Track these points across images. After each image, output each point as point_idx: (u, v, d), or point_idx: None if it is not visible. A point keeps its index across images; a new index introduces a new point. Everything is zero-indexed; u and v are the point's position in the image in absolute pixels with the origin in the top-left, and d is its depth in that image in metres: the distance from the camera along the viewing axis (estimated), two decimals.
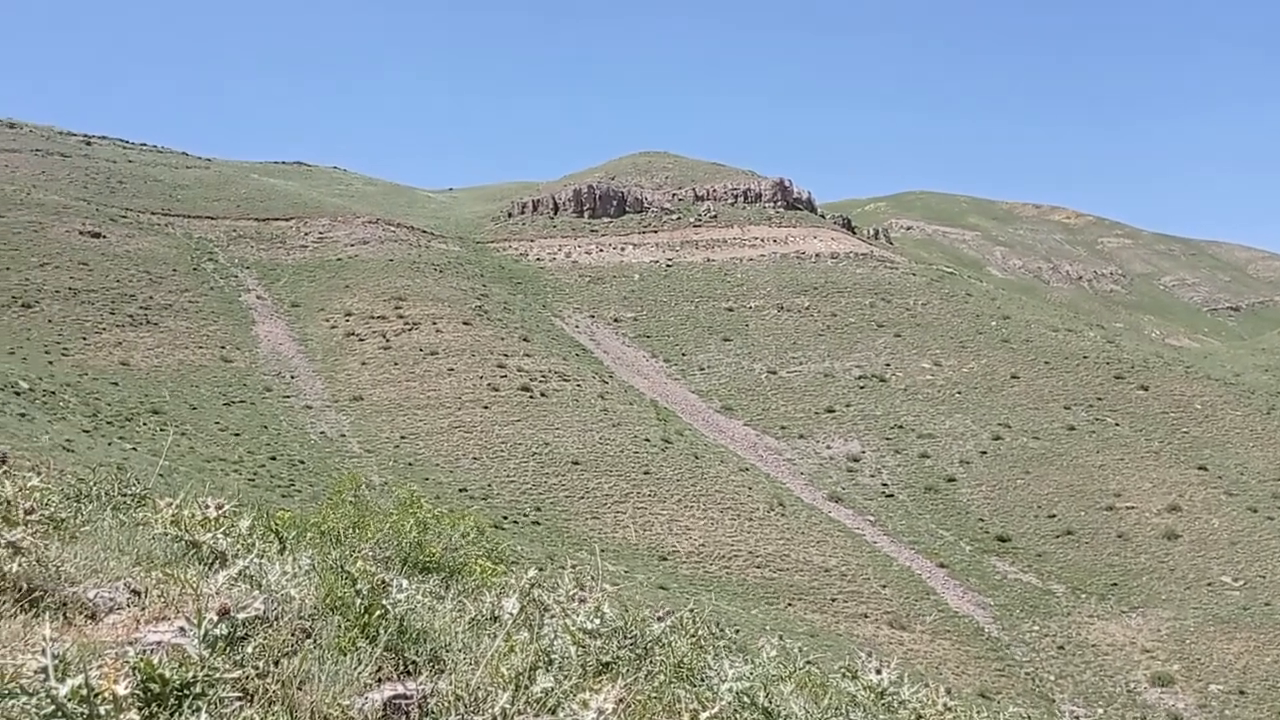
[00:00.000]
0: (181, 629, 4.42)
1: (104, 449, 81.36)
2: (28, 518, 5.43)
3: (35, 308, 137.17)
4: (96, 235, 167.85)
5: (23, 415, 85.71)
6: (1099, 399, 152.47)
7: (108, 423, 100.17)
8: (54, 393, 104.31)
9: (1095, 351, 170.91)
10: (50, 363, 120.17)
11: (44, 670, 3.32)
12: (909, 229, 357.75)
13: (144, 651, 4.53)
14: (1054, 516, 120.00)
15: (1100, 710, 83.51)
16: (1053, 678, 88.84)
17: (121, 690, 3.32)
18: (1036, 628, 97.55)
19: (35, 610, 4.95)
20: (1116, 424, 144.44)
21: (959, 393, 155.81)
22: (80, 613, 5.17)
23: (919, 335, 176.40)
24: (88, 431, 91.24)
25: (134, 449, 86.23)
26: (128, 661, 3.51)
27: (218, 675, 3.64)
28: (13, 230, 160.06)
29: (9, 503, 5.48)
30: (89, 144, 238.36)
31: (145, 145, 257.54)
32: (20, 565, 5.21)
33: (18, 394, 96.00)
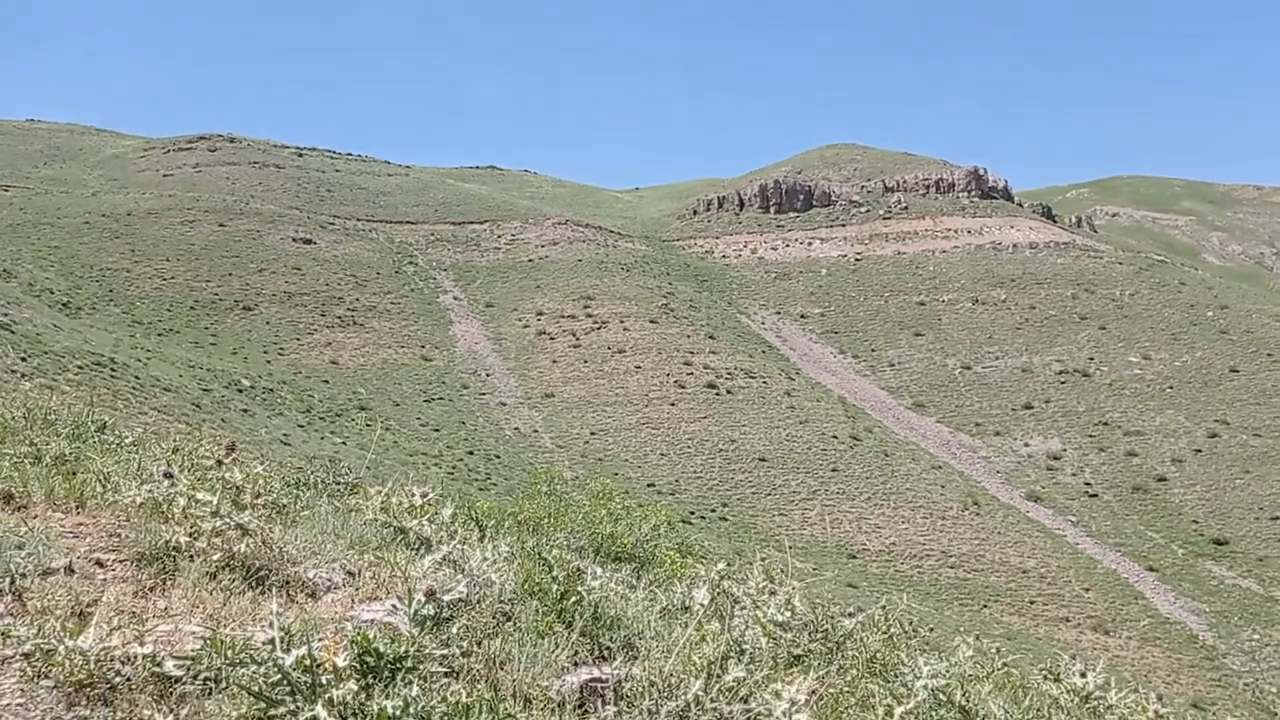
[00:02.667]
0: (393, 608, 4.67)
1: (317, 442, 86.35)
2: (255, 501, 5.86)
3: (255, 310, 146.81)
4: (308, 241, 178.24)
5: (245, 411, 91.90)
6: None
7: (320, 418, 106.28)
8: (272, 390, 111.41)
9: None
10: (268, 362, 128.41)
11: (271, 642, 3.58)
12: (1115, 216, 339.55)
13: (360, 628, 4.81)
14: (1278, 518, 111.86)
15: None
16: (1276, 690, 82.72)
17: (341, 662, 3.54)
18: (1257, 636, 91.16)
19: (262, 588, 5.34)
20: None
21: (1170, 387, 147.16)
22: (301, 591, 5.54)
23: (1126, 327, 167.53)
24: (302, 426, 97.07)
25: (344, 442, 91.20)
26: (346, 635, 3.75)
27: (427, 652, 3.84)
28: (234, 238, 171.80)
29: (238, 488, 5.93)
30: (300, 155, 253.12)
31: (351, 155, 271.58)
32: (248, 546, 5.62)
33: (240, 391, 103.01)
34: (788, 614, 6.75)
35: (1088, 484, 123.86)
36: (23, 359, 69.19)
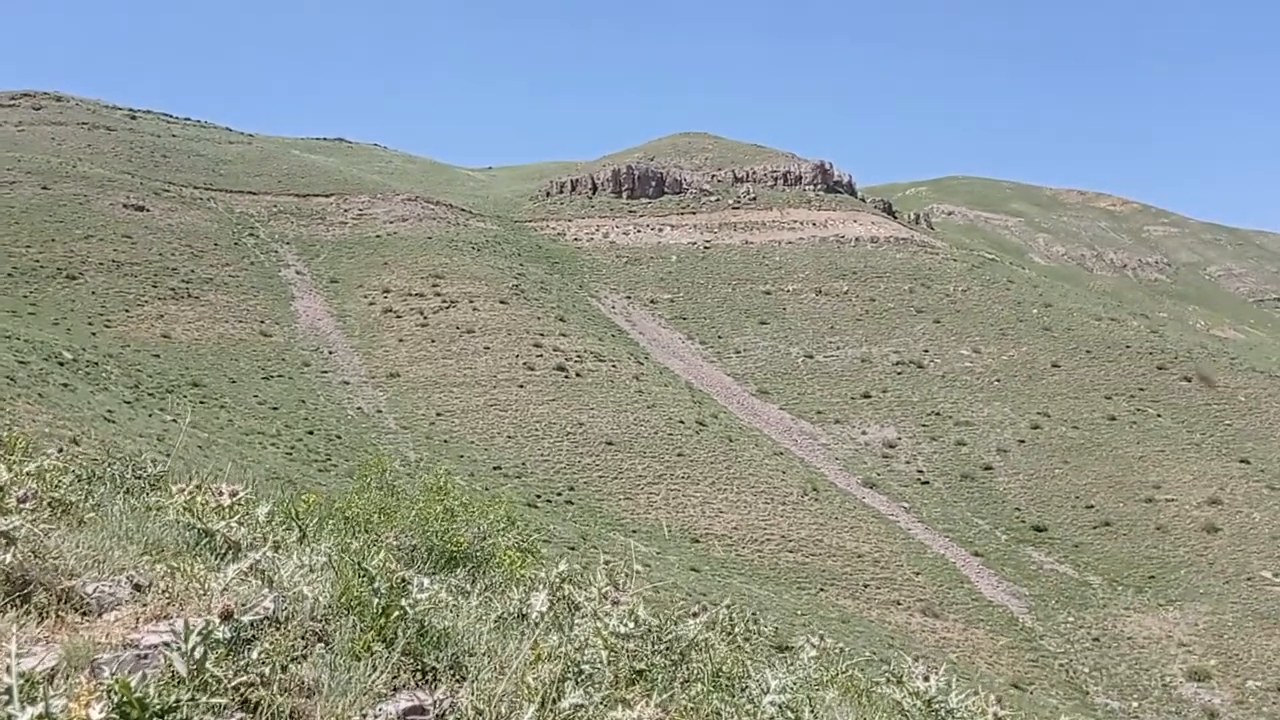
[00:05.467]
0: (174, 633, 4.03)
1: (144, 420, 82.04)
2: (21, 506, 5.06)
3: (79, 279, 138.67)
4: (140, 209, 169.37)
5: (65, 385, 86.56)
6: (1141, 389, 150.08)
7: (149, 394, 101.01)
8: (96, 364, 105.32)
9: (1138, 341, 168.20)
10: (93, 334, 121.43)
11: (8, 692, 2.93)
12: (950, 214, 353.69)
13: (139, 657, 4.16)
14: (1092, 507, 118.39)
15: (1135, 704, 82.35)
16: (1087, 670, 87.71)
17: (95, 716, 2.93)
18: (1071, 619, 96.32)
19: (26, 606, 4.58)
20: (1158, 415, 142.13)
21: (998, 380, 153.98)
22: (75, 609, 4.79)
23: (958, 322, 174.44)
24: (129, 403, 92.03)
25: (174, 421, 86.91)
26: (102, 683, 3.12)
27: (205, 701, 3.24)
28: (59, 202, 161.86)
29: (2, 490, 5.12)
30: (134, 118, 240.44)
31: (189, 120, 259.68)
32: (14, 556, 4.84)
33: (61, 364, 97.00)
34: (631, 624, 6.35)
35: (920, 471, 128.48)
36: None
